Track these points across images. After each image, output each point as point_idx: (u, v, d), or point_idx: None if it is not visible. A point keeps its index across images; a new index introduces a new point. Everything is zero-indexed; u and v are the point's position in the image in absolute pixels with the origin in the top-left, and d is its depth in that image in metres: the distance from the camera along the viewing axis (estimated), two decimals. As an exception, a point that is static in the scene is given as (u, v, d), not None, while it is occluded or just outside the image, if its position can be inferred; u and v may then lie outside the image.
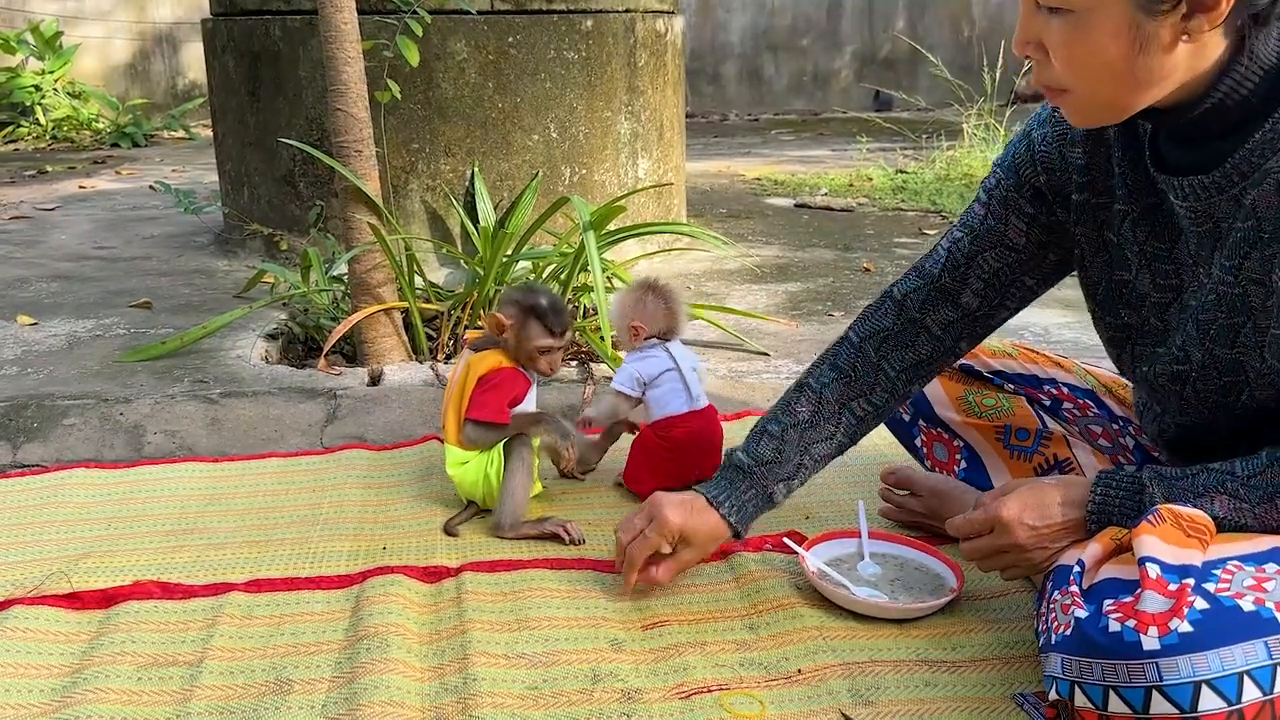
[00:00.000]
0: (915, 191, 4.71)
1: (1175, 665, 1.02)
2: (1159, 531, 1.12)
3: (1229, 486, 1.19)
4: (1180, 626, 1.03)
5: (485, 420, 1.70)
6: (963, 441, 1.68)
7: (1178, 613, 1.04)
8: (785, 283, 3.21)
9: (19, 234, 4.06)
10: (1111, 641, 1.05)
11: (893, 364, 1.48)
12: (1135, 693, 1.04)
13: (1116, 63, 1.12)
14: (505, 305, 1.73)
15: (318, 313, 2.64)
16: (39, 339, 2.66)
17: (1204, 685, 1.01)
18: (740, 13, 8.80)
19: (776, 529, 1.70)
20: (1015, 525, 1.28)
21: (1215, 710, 1.01)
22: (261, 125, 3.28)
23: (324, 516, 1.81)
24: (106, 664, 1.35)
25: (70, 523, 1.79)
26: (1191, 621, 1.03)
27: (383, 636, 1.39)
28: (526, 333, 1.71)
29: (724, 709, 1.27)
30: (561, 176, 3.20)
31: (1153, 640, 1.03)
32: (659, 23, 3.41)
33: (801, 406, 1.49)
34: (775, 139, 7.21)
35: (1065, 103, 1.20)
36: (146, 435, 2.12)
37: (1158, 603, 1.06)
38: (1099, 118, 1.21)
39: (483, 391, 1.70)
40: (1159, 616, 1.04)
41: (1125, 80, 1.13)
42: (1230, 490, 1.19)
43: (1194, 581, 1.07)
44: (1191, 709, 1.02)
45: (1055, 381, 1.63)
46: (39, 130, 7.18)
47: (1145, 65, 1.11)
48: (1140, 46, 1.10)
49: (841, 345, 1.52)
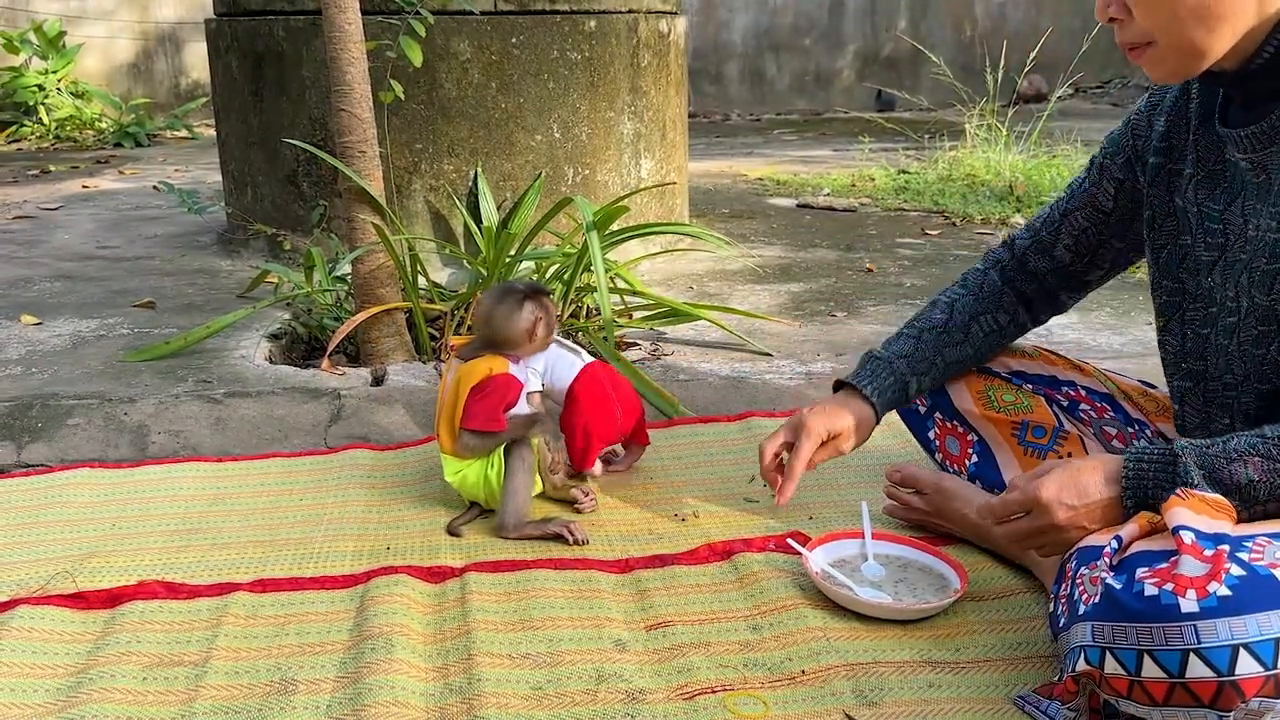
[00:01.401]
0: (918, 192, 4.70)
1: (1214, 628, 1.02)
2: (1189, 504, 1.15)
3: (1260, 448, 1.19)
4: (1219, 590, 1.03)
5: (481, 429, 1.70)
6: (976, 435, 1.68)
7: (1215, 577, 1.04)
8: (788, 283, 3.21)
9: (22, 234, 4.07)
10: (1148, 605, 1.05)
11: (1010, 291, 1.66)
12: (1171, 656, 1.04)
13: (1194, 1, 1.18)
14: (519, 309, 1.73)
15: (321, 313, 2.64)
16: (43, 339, 2.67)
17: (1241, 649, 1.01)
18: (742, 12, 8.80)
19: (780, 530, 1.70)
20: (1055, 506, 1.27)
21: (1252, 674, 1.01)
22: (265, 125, 3.28)
23: (328, 516, 1.81)
24: (112, 664, 1.36)
25: (75, 523, 1.80)
26: (1229, 586, 1.03)
27: (387, 637, 1.40)
28: (549, 313, 1.76)
29: (728, 710, 1.27)
30: (564, 177, 3.20)
31: (1191, 603, 1.03)
32: (662, 23, 3.41)
33: (936, 314, 1.66)
34: (777, 139, 7.21)
35: (1149, 57, 1.24)
36: (150, 435, 2.12)
37: (1195, 567, 1.06)
38: (1180, 67, 1.24)
39: (476, 400, 1.70)
40: (1197, 580, 1.05)
41: (1199, 19, 1.18)
42: (1262, 452, 1.19)
43: (1229, 549, 1.08)
44: (1229, 672, 1.02)
45: (1074, 384, 1.65)
46: (42, 130, 7.19)
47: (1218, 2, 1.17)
48: None
49: (969, 271, 1.70)
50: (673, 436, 2.10)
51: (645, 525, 1.76)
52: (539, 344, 1.76)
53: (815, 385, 2.33)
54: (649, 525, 1.76)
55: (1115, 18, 1.24)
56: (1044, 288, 1.64)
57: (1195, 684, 1.03)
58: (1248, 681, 1.02)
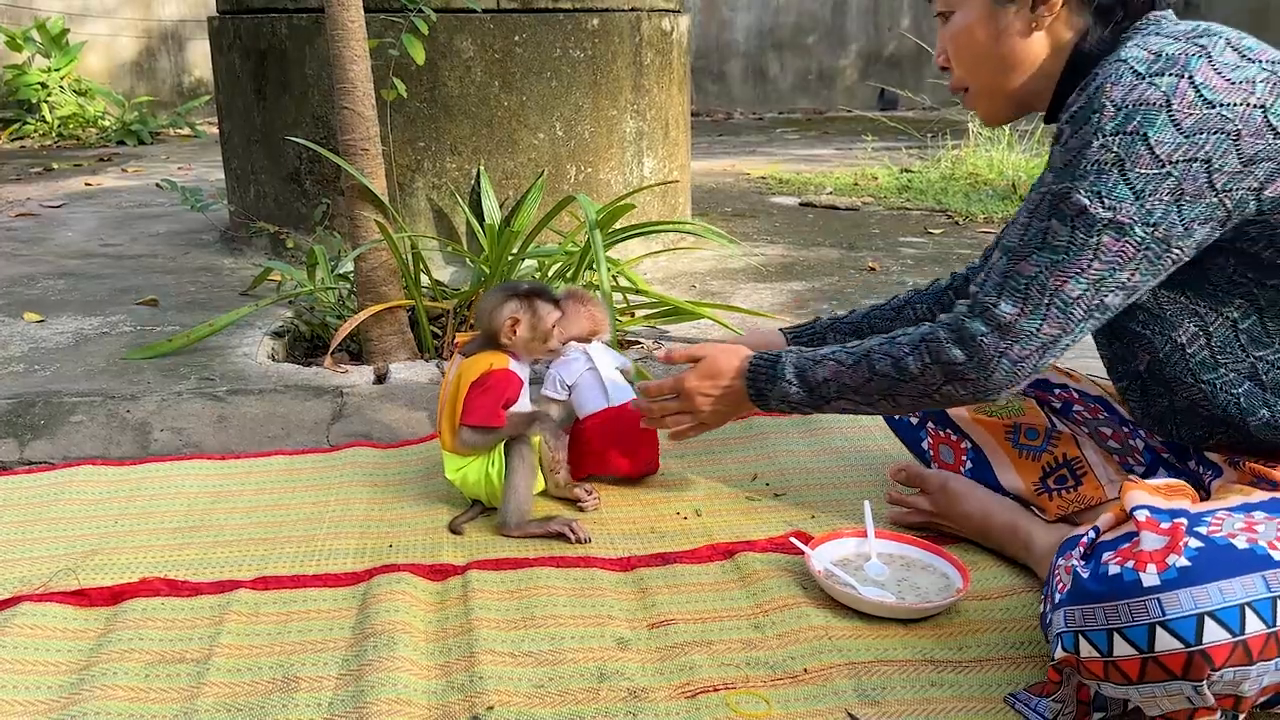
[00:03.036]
0: (920, 191, 4.70)
1: (1176, 599, 1.04)
2: (1142, 486, 1.19)
3: (837, 355, 1.49)
4: (1178, 562, 1.05)
5: (480, 424, 1.70)
6: (970, 442, 1.68)
7: (1174, 549, 1.07)
8: (790, 281, 3.21)
9: (25, 231, 4.07)
10: (1111, 583, 1.08)
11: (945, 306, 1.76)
12: (1139, 631, 1.05)
13: (984, 49, 1.38)
14: (502, 306, 1.72)
15: (324, 310, 2.64)
16: (46, 336, 2.67)
17: (1207, 617, 1.03)
18: (745, 11, 8.79)
19: (782, 529, 1.70)
20: (694, 394, 1.62)
21: (1220, 641, 1.03)
22: (268, 123, 3.28)
23: (330, 514, 1.81)
24: (114, 661, 1.36)
25: (77, 520, 1.80)
26: (1189, 557, 1.05)
27: (389, 634, 1.40)
28: (538, 316, 1.73)
29: (730, 708, 1.27)
30: (567, 175, 3.20)
31: (1152, 576, 1.05)
32: (664, 21, 3.41)
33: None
34: (780, 138, 7.21)
35: (970, 102, 1.45)
36: (153, 433, 2.13)
37: (1153, 540, 1.09)
38: (994, 110, 1.44)
39: (476, 395, 1.70)
40: (1155, 554, 1.07)
41: (994, 65, 1.38)
42: (837, 358, 1.49)
43: (1186, 522, 1.10)
44: (1196, 641, 1.03)
45: (1066, 386, 1.66)
46: (45, 127, 7.19)
47: (1008, 50, 1.37)
48: (998, 34, 1.36)
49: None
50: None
51: (648, 524, 1.76)
52: (521, 345, 1.73)
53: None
54: (651, 524, 1.76)
55: (944, 66, 1.44)
56: None
57: (1165, 657, 1.05)
58: (1216, 649, 1.03)
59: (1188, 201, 1.20)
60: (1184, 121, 1.18)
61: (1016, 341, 1.31)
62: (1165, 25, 1.29)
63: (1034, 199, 1.30)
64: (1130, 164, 1.20)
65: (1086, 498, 1.53)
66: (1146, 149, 1.19)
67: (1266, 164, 1.19)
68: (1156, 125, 1.18)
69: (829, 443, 2.05)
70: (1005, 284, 1.31)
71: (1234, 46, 1.22)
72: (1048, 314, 1.28)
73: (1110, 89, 1.21)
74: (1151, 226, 1.21)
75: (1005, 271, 1.31)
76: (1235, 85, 1.18)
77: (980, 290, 1.34)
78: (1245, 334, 1.28)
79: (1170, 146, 1.18)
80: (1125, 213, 1.21)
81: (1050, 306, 1.28)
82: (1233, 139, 1.18)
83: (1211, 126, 1.17)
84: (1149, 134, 1.19)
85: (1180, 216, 1.21)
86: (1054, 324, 1.29)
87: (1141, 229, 1.21)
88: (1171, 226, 1.21)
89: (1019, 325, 1.30)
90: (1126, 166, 1.20)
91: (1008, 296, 1.30)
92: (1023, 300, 1.29)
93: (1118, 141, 1.20)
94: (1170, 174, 1.19)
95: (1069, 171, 1.24)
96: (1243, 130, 1.17)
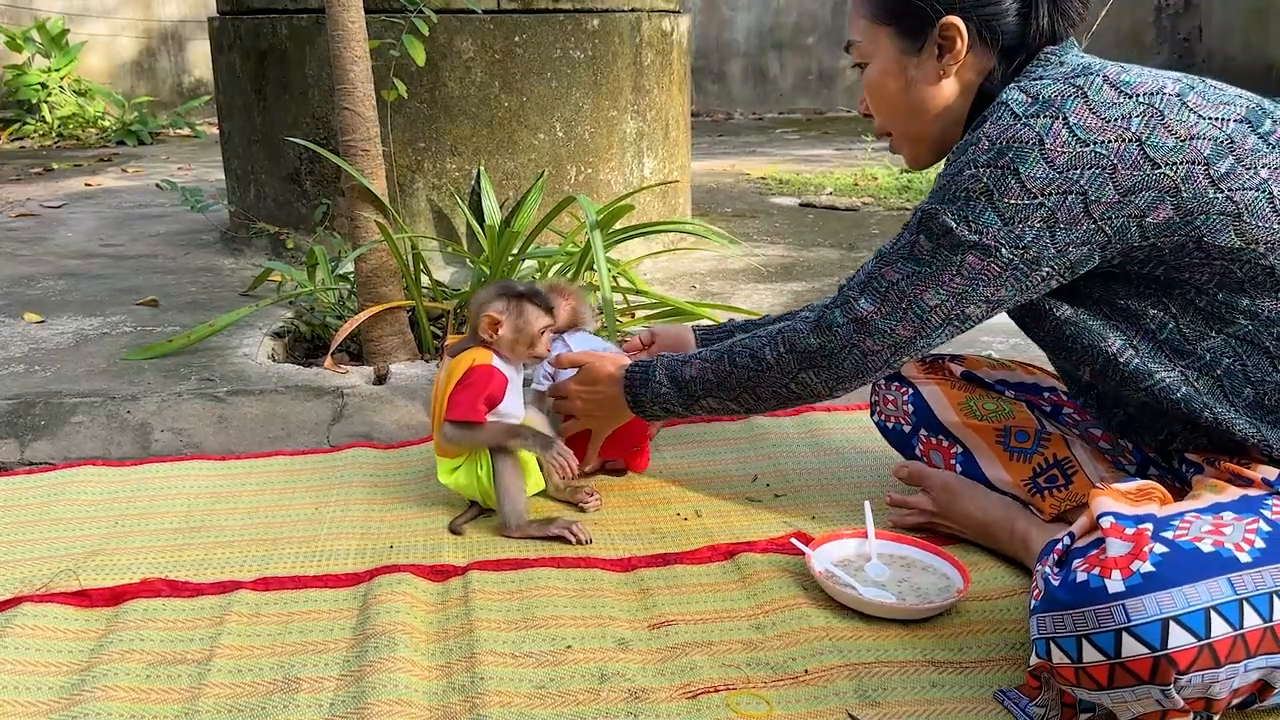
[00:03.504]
0: (920, 191, 4.70)
1: (1141, 604, 1.05)
2: (1109, 493, 1.20)
3: (702, 353, 1.59)
4: (1142, 567, 1.06)
5: (460, 419, 1.69)
6: (961, 446, 1.69)
7: (1139, 555, 1.08)
8: (790, 282, 3.21)
9: (25, 231, 4.07)
10: (1078, 590, 1.09)
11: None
12: (1106, 637, 1.06)
13: (897, 98, 1.43)
14: (489, 303, 1.71)
15: (324, 311, 2.64)
16: (46, 336, 2.67)
17: (1172, 622, 1.04)
18: (745, 11, 8.79)
19: (783, 530, 1.70)
20: (574, 397, 1.75)
21: (1186, 646, 1.04)
22: (268, 123, 3.28)
23: (331, 515, 1.81)
24: (115, 661, 1.36)
25: (78, 520, 1.80)
26: (1153, 563, 1.06)
27: (390, 635, 1.40)
28: (525, 319, 1.71)
29: (730, 709, 1.27)
30: (567, 175, 3.20)
31: (1117, 583, 1.06)
32: (665, 22, 3.41)
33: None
34: (780, 138, 7.21)
35: (895, 147, 1.50)
36: (153, 433, 2.13)
37: (1119, 547, 1.10)
38: (915, 153, 1.48)
39: (457, 391, 1.69)
40: (1120, 560, 1.08)
41: (908, 112, 1.43)
42: (702, 355, 1.58)
43: (1152, 527, 1.11)
44: (1162, 646, 1.04)
45: (1055, 389, 1.68)
46: (45, 128, 7.19)
47: (920, 97, 1.41)
48: (909, 82, 1.41)
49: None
50: (675, 436, 2.10)
51: (648, 525, 1.76)
52: (505, 345, 1.72)
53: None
54: (652, 524, 1.76)
55: (866, 114, 1.49)
56: None
57: (1132, 662, 1.05)
58: (1181, 654, 1.04)
59: (1062, 227, 1.25)
60: (1056, 159, 1.22)
61: (870, 336, 1.39)
62: (1050, 67, 1.32)
63: (911, 217, 1.37)
64: (999, 195, 1.25)
65: (1079, 495, 1.54)
66: (1016, 182, 1.24)
67: (1145, 193, 1.22)
68: (1028, 161, 1.23)
69: (829, 443, 2.06)
70: (869, 284, 1.39)
71: (1112, 84, 1.25)
72: (904, 317, 1.36)
73: (989, 127, 1.27)
74: (1021, 249, 1.27)
75: (871, 273, 1.39)
76: (1109, 123, 1.22)
77: (846, 285, 1.43)
78: (1167, 344, 1.30)
79: (1042, 181, 1.23)
80: (991, 236, 1.27)
81: (907, 311, 1.36)
82: (1108, 172, 1.21)
83: (1086, 163, 1.22)
84: (1020, 169, 1.24)
85: (1054, 240, 1.26)
86: (908, 327, 1.37)
87: (1009, 250, 1.27)
88: (1044, 249, 1.26)
89: (874, 323, 1.38)
90: (995, 197, 1.25)
91: (868, 295, 1.39)
92: (881, 300, 1.37)
93: (988, 173, 1.25)
94: (1043, 204, 1.24)
95: (940, 194, 1.31)
96: (1118, 165, 1.21)
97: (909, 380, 1.74)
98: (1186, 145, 1.21)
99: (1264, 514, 1.15)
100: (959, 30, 1.35)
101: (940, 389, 1.71)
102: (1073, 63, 1.32)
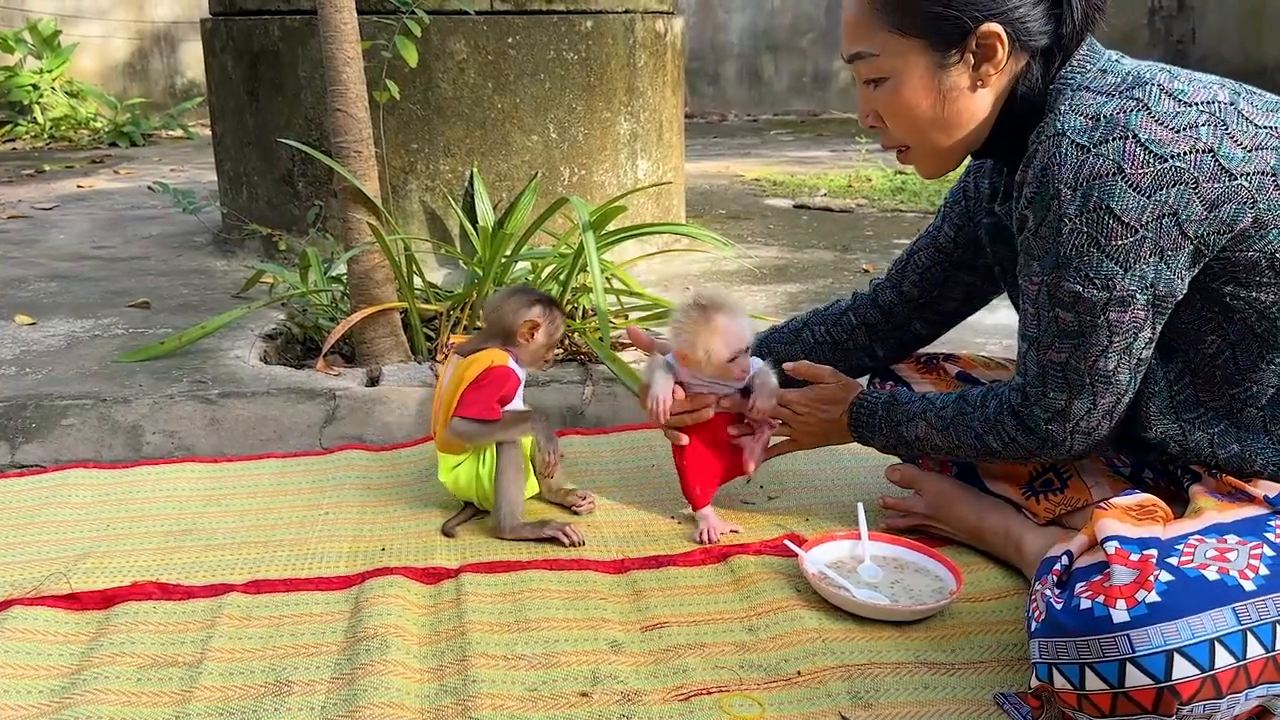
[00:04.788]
0: (914, 193, 4.71)
1: (1146, 636, 1.05)
2: (1113, 514, 1.19)
3: (926, 416, 1.52)
4: (1148, 598, 1.06)
5: (475, 417, 1.70)
6: None
7: (1144, 584, 1.07)
8: (784, 284, 3.21)
9: (17, 233, 4.06)
10: (1082, 619, 1.08)
11: (853, 316, 1.79)
12: (1110, 667, 1.06)
13: (929, 111, 1.35)
14: (525, 309, 1.73)
15: (316, 313, 2.63)
16: (38, 339, 2.66)
17: (1176, 654, 1.04)
18: (740, 13, 8.80)
19: (776, 532, 1.70)
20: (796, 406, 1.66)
21: (1189, 677, 1.04)
22: (260, 125, 3.27)
23: (323, 517, 1.80)
24: (106, 665, 1.35)
25: (69, 523, 1.79)
26: (1159, 592, 1.06)
27: (382, 638, 1.39)
28: (556, 324, 1.77)
29: (723, 711, 1.27)
30: (561, 177, 3.20)
31: (1122, 613, 1.06)
32: (658, 23, 3.41)
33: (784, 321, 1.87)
34: (774, 139, 7.21)
35: (910, 159, 1.42)
36: (145, 436, 2.12)
37: (1124, 574, 1.09)
38: (939, 164, 1.42)
39: (473, 390, 1.70)
40: (1125, 589, 1.08)
41: (942, 126, 1.36)
42: (927, 418, 1.52)
43: (1157, 554, 1.11)
44: (1166, 678, 1.04)
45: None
46: (37, 129, 7.17)
47: (954, 110, 1.34)
48: (943, 95, 1.34)
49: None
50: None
51: (641, 527, 1.76)
52: (535, 350, 1.75)
53: (811, 386, 2.33)
54: (645, 527, 1.76)
55: (874, 125, 1.41)
56: (891, 318, 1.75)
57: (1135, 692, 1.06)
58: (1185, 685, 1.04)
59: (1169, 254, 1.21)
60: (1141, 182, 1.18)
61: (1081, 419, 1.34)
62: (1092, 75, 1.28)
63: (1031, 289, 1.31)
64: (1105, 240, 1.20)
65: (1073, 500, 1.54)
66: (1113, 220, 1.19)
67: (1228, 205, 1.19)
68: (1115, 194, 1.18)
69: (822, 445, 2.05)
70: (1045, 374, 1.34)
71: (1169, 93, 1.21)
72: (1095, 389, 1.31)
73: (1059, 170, 1.21)
74: (1150, 288, 1.23)
75: (1039, 362, 1.34)
76: (1180, 134, 1.18)
77: (1026, 381, 1.37)
78: (1220, 370, 1.29)
79: (1135, 210, 1.18)
80: (1119, 286, 1.23)
81: (1095, 383, 1.30)
82: (1192, 187, 1.18)
83: (1169, 180, 1.17)
84: (1111, 204, 1.19)
85: (1170, 269, 1.22)
86: (1105, 395, 1.31)
87: (1142, 295, 1.23)
88: (1170, 282, 1.23)
89: (1074, 407, 1.33)
90: (1102, 244, 1.21)
91: (1052, 385, 1.33)
92: (1065, 385, 1.32)
93: (1084, 220, 1.20)
94: (1145, 236, 1.19)
95: (1051, 260, 1.25)
96: (1199, 177, 1.18)
97: (904, 379, 1.74)
98: (1254, 156, 1.19)
99: (1267, 537, 1.14)
100: (999, 37, 1.29)
101: (935, 389, 1.70)
102: (1117, 70, 1.27)
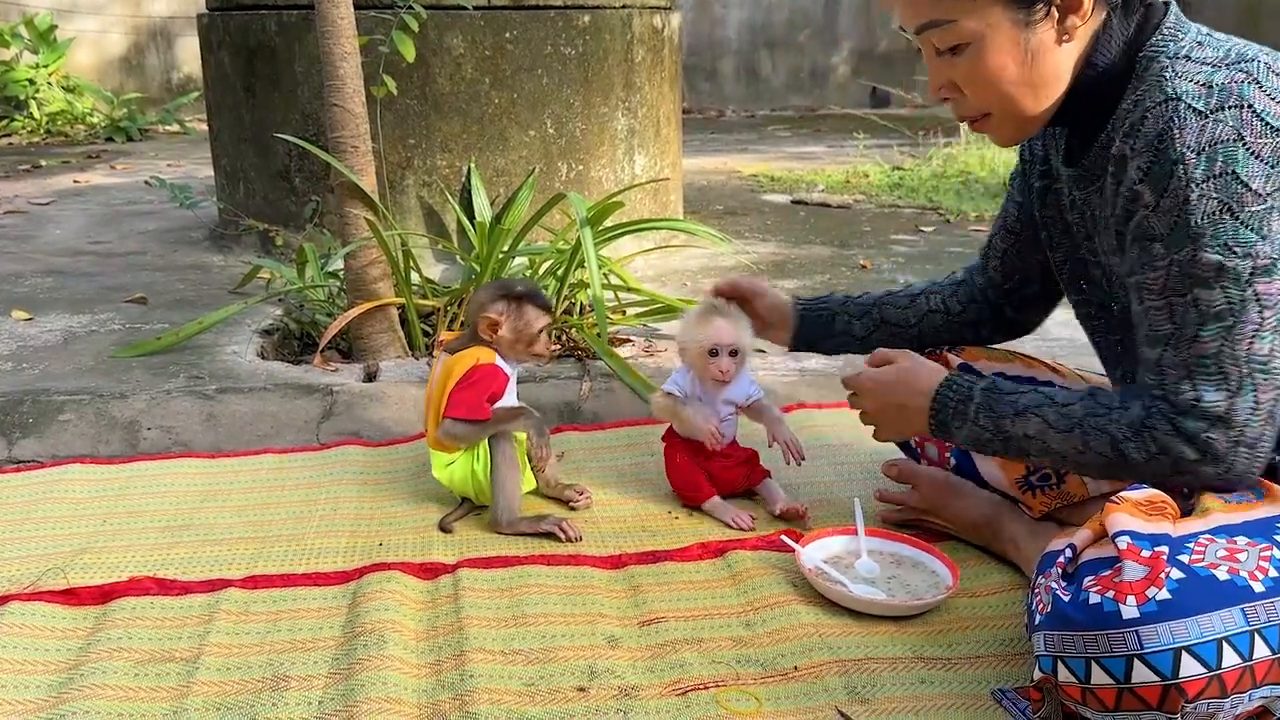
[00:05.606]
0: (912, 188, 4.71)
1: (1155, 633, 1.05)
2: (1125, 508, 1.18)
3: (1044, 411, 1.32)
4: (1158, 595, 1.06)
5: (464, 417, 1.69)
6: None
7: (1155, 581, 1.07)
8: (782, 279, 3.21)
9: (13, 229, 4.05)
10: (1091, 613, 1.08)
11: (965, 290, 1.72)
12: (1117, 662, 1.06)
13: (1017, 73, 1.28)
14: (489, 304, 1.73)
15: (313, 308, 2.63)
16: (34, 334, 2.66)
17: (1184, 652, 1.04)
18: (737, 8, 8.79)
19: (773, 527, 1.70)
20: (870, 393, 1.50)
21: (1196, 676, 1.04)
22: (257, 120, 3.27)
23: (320, 513, 1.80)
24: (103, 660, 1.35)
25: (66, 519, 1.79)
26: (1169, 590, 1.06)
27: (380, 633, 1.40)
28: (524, 319, 1.73)
29: (720, 706, 1.27)
30: (558, 172, 3.20)
31: (1132, 609, 1.06)
32: (656, 19, 3.41)
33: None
34: (772, 135, 7.21)
35: (989, 127, 1.35)
36: (142, 431, 2.12)
37: (1135, 570, 1.09)
38: (1018, 132, 1.35)
39: (460, 389, 1.70)
40: (1136, 585, 1.07)
41: (1030, 87, 1.29)
42: (1043, 415, 1.32)
43: (1168, 550, 1.10)
44: (1173, 675, 1.04)
45: (1052, 384, 1.65)
46: (33, 124, 7.16)
47: (1042, 69, 1.28)
48: (1031, 55, 1.27)
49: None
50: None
51: (638, 522, 1.76)
52: (505, 346, 1.73)
53: (808, 381, 2.33)
54: (642, 522, 1.76)
55: (948, 97, 1.34)
56: (987, 301, 1.70)
57: (1141, 689, 1.05)
58: (1191, 683, 1.04)
59: None
60: (1261, 151, 1.15)
61: (1244, 426, 1.20)
62: (1185, 43, 1.24)
63: (1156, 278, 1.21)
64: (1237, 206, 1.15)
65: (1070, 494, 1.54)
66: (1240, 185, 1.14)
67: None
68: (1239, 160, 1.14)
69: (820, 440, 2.05)
70: (1194, 373, 1.20)
71: (1274, 69, 1.19)
72: (1255, 382, 1.19)
73: (1179, 134, 1.16)
74: None
75: (1184, 362, 1.21)
76: None
77: (1169, 388, 1.23)
78: None
79: (1261, 179, 1.15)
80: (1262, 253, 1.15)
81: (1253, 374, 1.19)
82: None
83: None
84: (1237, 170, 1.14)
85: None
86: (1266, 389, 1.19)
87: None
88: None
89: (1236, 409, 1.19)
90: (1234, 209, 1.15)
91: (1204, 383, 1.20)
92: (1222, 380, 1.19)
93: (1214, 185, 1.15)
94: (1273, 206, 1.15)
95: (1182, 234, 1.17)
96: None
97: None
98: None
99: (1277, 540, 1.14)
100: None
101: None
102: (1214, 43, 1.24)
